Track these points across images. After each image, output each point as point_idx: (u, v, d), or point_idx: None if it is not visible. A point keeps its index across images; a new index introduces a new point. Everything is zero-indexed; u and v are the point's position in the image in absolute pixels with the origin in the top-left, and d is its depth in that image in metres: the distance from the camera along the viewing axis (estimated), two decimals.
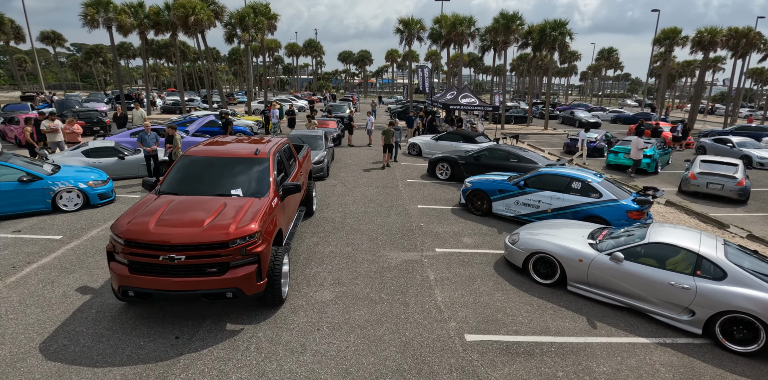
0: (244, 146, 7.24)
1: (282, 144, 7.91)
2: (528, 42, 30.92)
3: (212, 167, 6.56)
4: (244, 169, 6.56)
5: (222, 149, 7.02)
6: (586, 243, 6.92)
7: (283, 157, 7.56)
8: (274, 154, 7.03)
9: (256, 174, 6.51)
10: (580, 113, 36.14)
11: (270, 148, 7.19)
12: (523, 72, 71.90)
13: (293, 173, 7.90)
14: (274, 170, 6.66)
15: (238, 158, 6.70)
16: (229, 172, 6.48)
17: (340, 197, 11.76)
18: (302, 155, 9.60)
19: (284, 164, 7.49)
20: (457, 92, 23.05)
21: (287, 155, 8.08)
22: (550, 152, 21.14)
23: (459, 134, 17.55)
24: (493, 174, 11.34)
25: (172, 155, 12.06)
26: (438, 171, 14.32)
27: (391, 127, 15.91)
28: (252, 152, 6.86)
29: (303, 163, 9.27)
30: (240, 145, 7.37)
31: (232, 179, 6.38)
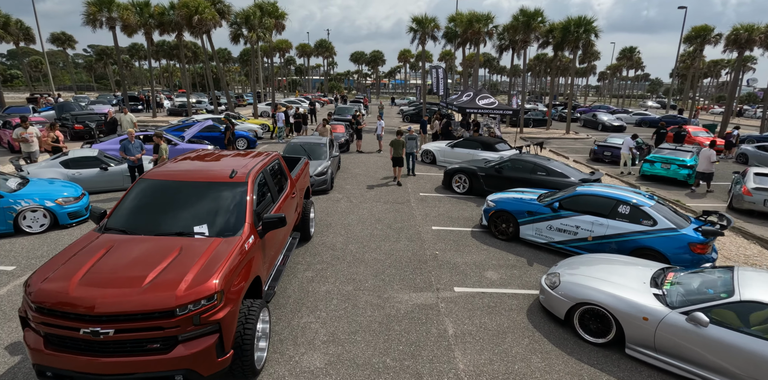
0: (219, 166, 5.88)
1: (268, 161, 6.53)
2: (549, 41, 29.23)
3: (174, 195, 5.20)
4: (215, 197, 5.19)
5: (190, 170, 5.66)
6: (649, 293, 5.40)
7: (268, 178, 6.17)
8: (255, 176, 5.65)
9: (228, 204, 5.14)
10: (603, 115, 34.24)
11: (252, 168, 5.81)
12: (540, 73, 69.77)
13: (281, 197, 6.51)
14: (253, 197, 5.28)
15: (209, 183, 5.33)
16: (196, 201, 5.12)
17: (344, 215, 10.36)
18: (297, 170, 8.22)
19: (269, 187, 6.10)
20: (474, 94, 21.52)
21: (275, 174, 6.70)
22: (575, 159, 19.49)
23: (477, 141, 16.03)
24: (519, 191, 9.83)
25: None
26: (455, 184, 12.84)
27: (400, 137, 13.63)
28: (227, 173, 5.49)
29: (297, 180, 7.89)
30: (215, 164, 6.01)
31: (197, 210, 5.02)
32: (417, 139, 14.31)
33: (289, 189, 7.00)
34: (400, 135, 13.72)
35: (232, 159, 6.30)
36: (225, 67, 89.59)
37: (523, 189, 10.10)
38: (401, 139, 13.55)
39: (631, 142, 16.30)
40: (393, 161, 13.57)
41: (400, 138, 13.56)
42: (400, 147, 13.40)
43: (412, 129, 14.70)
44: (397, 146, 13.39)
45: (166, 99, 42.75)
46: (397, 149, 13.41)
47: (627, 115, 39.83)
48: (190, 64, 73.46)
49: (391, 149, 13.54)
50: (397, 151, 13.41)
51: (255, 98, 31.03)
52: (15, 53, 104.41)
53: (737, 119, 50.10)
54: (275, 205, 6.04)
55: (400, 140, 13.50)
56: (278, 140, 21.70)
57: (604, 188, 8.47)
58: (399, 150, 13.41)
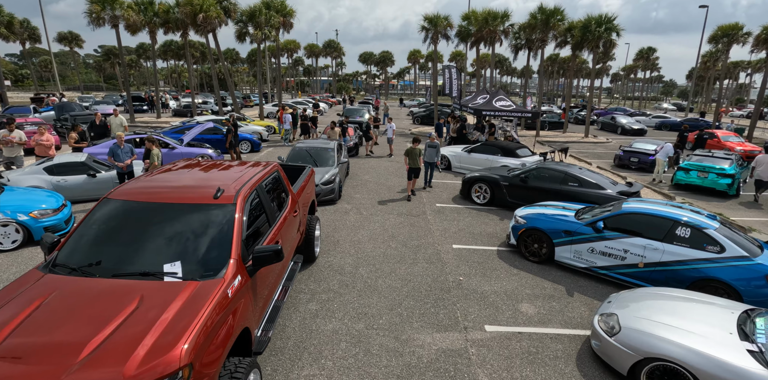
0: (203, 181, 4.82)
1: (265, 175, 5.46)
2: (567, 40, 27.99)
3: (144, 221, 4.15)
4: (194, 223, 4.13)
5: (166, 187, 4.60)
6: (740, 349, 4.26)
7: (263, 196, 5.10)
8: (246, 195, 4.59)
9: (210, 233, 4.08)
10: (622, 118, 32.85)
11: (243, 185, 4.75)
12: (552, 73, 68.32)
13: (280, 217, 5.43)
14: (242, 224, 4.21)
15: (187, 205, 4.27)
16: (169, 229, 4.07)
17: (353, 230, 9.28)
18: (300, 182, 7.15)
19: (264, 208, 5.02)
20: (489, 95, 20.36)
21: (273, 190, 5.62)
22: (599, 165, 18.26)
23: (496, 146, 14.88)
24: (551, 205, 8.68)
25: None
26: (474, 193, 11.71)
27: (416, 145, 11.87)
28: (210, 193, 4.43)
29: (301, 194, 6.82)
30: (199, 178, 4.95)
31: (170, 242, 3.96)
32: (438, 147, 12.59)
33: (289, 207, 5.92)
34: (416, 143, 11.90)
35: (221, 172, 5.24)
36: (233, 68, 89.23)
37: (554, 203, 8.94)
38: (418, 147, 11.87)
39: (671, 150, 15.06)
40: (409, 173, 11.80)
41: (416, 146, 11.84)
42: (416, 157, 11.72)
43: (434, 136, 12.99)
44: (414, 156, 11.70)
45: (171, 99, 42.00)
46: (413, 158, 11.71)
47: (646, 118, 38.38)
48: (198, 64, 72.97)
49: (406, 159, 11.80)
50: (414, 161, 11.70)
51: (261, 98, 30.03)
52: (28, 53, 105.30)
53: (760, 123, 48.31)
54: (272, 230, 4.97)
55: (416, 148, 11.79)
56: (284, 142, 20.70)
57: (656, 205, 7.30)
58: (416, 160, 11.72)
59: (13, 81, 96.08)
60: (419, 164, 11.78)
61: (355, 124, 22.03)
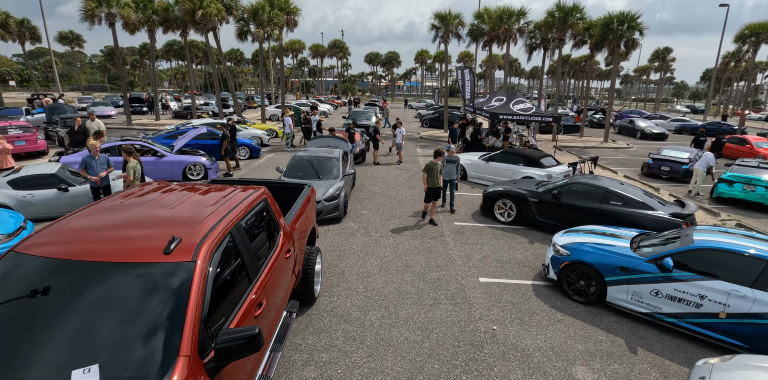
0: (155, 221, 3.46)
1: (247, 208, 4.10)
2: (585, 39, 26.53)
3: (54, 291, 2.81)
4: (127, 296, 2.79)
5: (98, 233, 3.24)
6: None
7: (240, 241, 3.70)
8: (214, 246, 3.23)
9: (151, 313, 2.73)
10: (641, 121, 31.30)
11: (212, 226, 3.40)
12: (563, 75, 66.64)
13: (266, 265, 4.07)
14: (200, 296, 2.86)
15: (120, 266, 2.93)
16: (88, 305, 2.73)
17: (361, 257, 7.92)
18: (297, 208, 5.80)
19: (242, 260, 3.63)
20: (507, 98, 18.96)
21: (257, 227, 4.26)
22: (625, 174, 16.81)
23: (518, 155, 13.48)
24: (598, 232, 7.29)
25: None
26: (497, 210, 10.33)
27: (438, 159, 9.87)
28: (160, 243, 3.09)
29: (296, 225, 5.48)
30: (152, 216, 3.58)
31: (86, 329, 2.62)
32: (458, 161, 10.63)
33: (280, 247, 4.57)
34: (438, 158, 9.87)
35: (186, 205, 3.88)
36: (238, 69, 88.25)
37: (600, 228, 7.55)
38: (440, 162, 9.87)
39: (712, 159, 13.59)
40: (427, 194, 9.81)
41: (438, 161, 9.81)
42: (436, 173, 9.66)
43: (452, 149, 10.81)
44: (435, 173, 9.63)
45: (173, 101, 40.87)
46: (433, 176, 9.63)
47: (664, 121, 36.76)
48: (201, 64, 72.03)
49: (424, 176, 9.68)
50: (434, 179, 9.66)
51: (263, 100, 28.75)
52: (34, 54, 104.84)
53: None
54: (251, 290, 3.60)
55: (438, 164, 9.74)
56: (287, 147, 19.40)
57: (736, 238, 5.89)
58: (437, 178, 9.69)
59: (18, 81, 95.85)
60: (439, 182, 9.87)
61: (361, 128, 20.71)
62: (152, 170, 12.44)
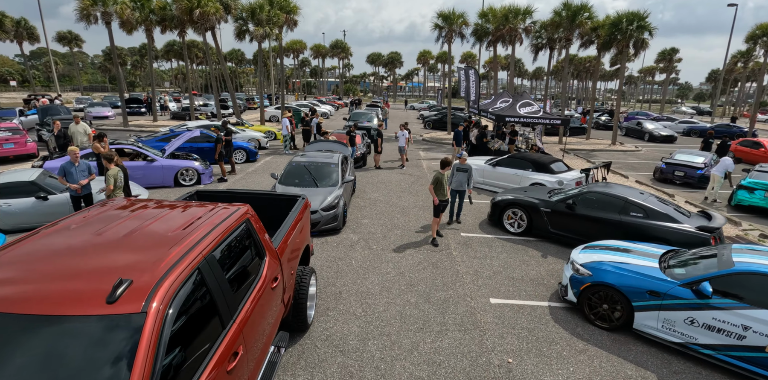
0: (103, 255, 2.81)
1: (224, 233, 3.45)
2: (592, 39, 25.87)
3: None
4: (58, 361, 2.15)
5: (26, 273, 2.60)
6: None
7: (212, 278, 3.04)
8: (174, 291, 2.57)
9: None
10: (649, 123, 30.59)
11: (174, 262, 2.76)
12: (568, 75, 65.89)
13: (244, 304, 3.41)
14: (150, 361, 2.22)
15: (47, 320, 2.28)
16: (4, 376, 2.09)
17: (361, 274, 7.28)
18: (288, 226, 5.15)
19: (212, 300, 2.97)
20: (512, 99, 18.31)
21: (235, 256, 3.62)
22: (637, 179, 16.13)
23: (526, 159, 12.81)
24: (622, 248, 6.64)
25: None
26: (507, 220, 9.67)
27: (446, 169, 8.78)
28: (103, 288, 2.45)
29: (286, 247, 4.84)
30: (101, 247, 2.91)
31: None
32: (470, 170, 9.64)
33: (264, 276, 3.93)
34: (446, 167, 8.71)
35: (149, 232, 3.22)
36: (239, 69, 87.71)
37: (623, 244, 6.90)
38: (447, 173, 8.80)
39: (731, 164, 12.91)
40: (436, 208, 8.65)
41: (446, 171, 8.78)
42: (443, 185, 8.62)
43: (464, 156, 9.76)
44: (439, 184, 8.55)
45: (171, 101, 40.29)
46: (439, 187, 8.56)
47: (672, 123, 36.02)
48: (202, 64, 71.53)
49: (431, 189, 8.62)
50: (443, 192, 8.61)
51: (262, 100, 28.12)
52: (36, 54, 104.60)
53: None
54: (224, 337, 2.95)
55: (445, 174, 8.71)
56: (285, 150, 18.79)
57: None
58: (442, 190, 8.61)
59: (20, 81, 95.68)
60: (448, 194, 8.90)
61: (363, 130, 20.08)
62: (142, 176, 11.83)
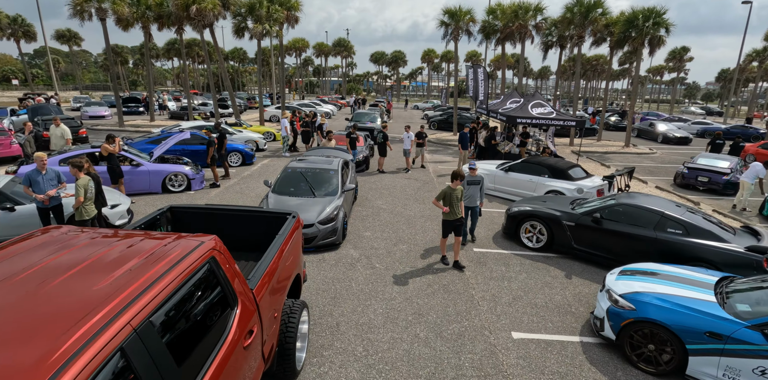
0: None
1: (175, 283, 2.55)
2: (604, 37, 24.86)
3: None
4: None
5: None
6: None
7: (144, 352, 2.15)
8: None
9: None
10: (662, 125, 29.54)
11: (88, 338, 1.87)
12: (575, 75, 64.82)
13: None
14: None
15: None
16: None
17: (361, 301, 6.36)
18: (270, 256, 4.20)
19: None
20: (524, 100, 17.36)
21: (190, 309, 2.70)
22: (657, 185, 15.15)
23: (542, 164, 11.86)
24: (666, 276, 5.69)
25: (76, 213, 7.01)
26: (524, 234, 8.73)
27: (457, 183, 7.32)
28: None
29: (270, 280, 3.91)
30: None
31: None
32: (483, 182, 8.47)
33: (234, 332, 3.01)
34: (457, 181, 7.28)
35: (66, 286, 2.31)
36: (242, 68, 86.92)
37: (671, 270, 5.94)
38: (459, 187, 7.45)
39: (762, 170, 11.92)
40: (445, 227, 7.44)
41: (457, 186, 7.36)
42: (455, 202, 7.30)
43: (476, 167, 8.53)
44: (452, 200, 7.26)
45: (170, 100, 39.45)
46: (453, 205, 7.28)
47: (684, 124, 34.93)
48: (203, 63, 70.74)
49: (439, 204, 7.29)
50: (454, 210, 7.30)
51: (261, 100, 27.21)
52: (39, 53, 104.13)
53: None
54: None
55: (457, 189, 7.37)
56: (284, 153, 17.89)
57: None
58: (457, 208, 7.33)
59: (22, 80, 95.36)
60: (460, 212, 7.42)
61: (365, 131, 19.16)
62: (127, 181, 10.95)
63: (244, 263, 5.31)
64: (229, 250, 5.54)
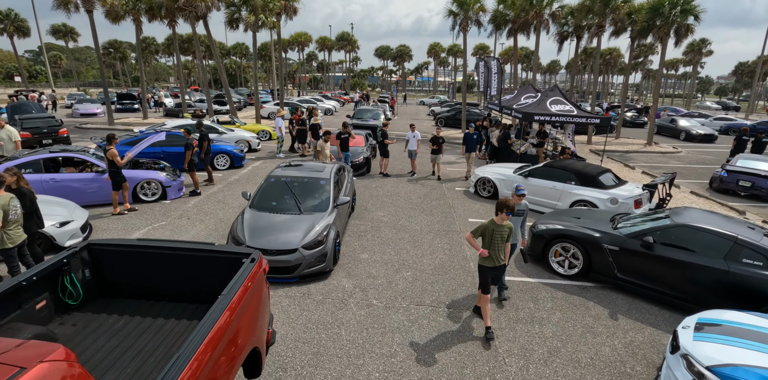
0: None
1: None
2: (624, 26, 23.12)
3: None
4: None
5: None
6: None
7: None
8: None
9: None
10: (684, 120, 27.73)
11: None
12: (585, 68, 62.76)
13: None
14: None
15: None
16: None
17: (351, 361, 4.89)
18: (197, 343, 2.73)
19: None
20: (541, 96, 15.75)
21: None
22: (693, 190, 13.52)
23: (567, 169, 10.30)
24: (765, 338, 4.17)
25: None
26: (554, 257, 7.22)
27: (504, 218, 5.14)
28: None
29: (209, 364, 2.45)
30: None
31: None
32: (526, 212, 6.15)
33: None
34: (504, 214, 5.12)
35: None
36: (244, 63, 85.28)
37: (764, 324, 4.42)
38: (507, 223, 5.26)
39: None
40: (483, 278, 5.37)
41: (504, 221, 5.21)
42: (500, 244, 5.27)
43: (525, 193, 6.05)
44: (496, 243, 5.24)
45: (167, 97, 38.08)
46: (495, 247, 5.25)
47: (705, 119, 33.04)
48: (205, 59, 69.35)
49: (476, 245, 5.32)
50: (496, 253, 5.27)
51: (256, 96, 25.75)
52: (42, 50, 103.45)
53: None
54: None
55: (504, 226, 5.23)
56: (278, 154, 16.43)
57: None
58: (500, 251, 5.30)
59: (27, 77, 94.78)
60: (505, 256, 5.41)
61: (367, 129, 17.64)
62: (91, 191, 9.55)
63: (186, 322, 3.85)
64: (169, 301, 4.09)
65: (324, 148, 11.41)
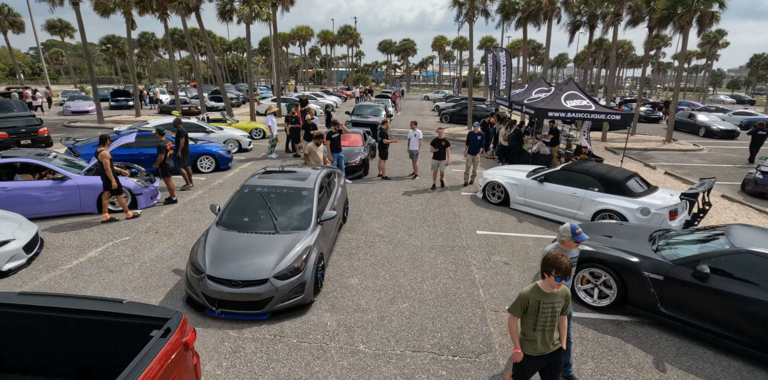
0: None
1: None
2: (642, 16, 21.68)
3: None
4: None
5: None
6: None
7: None
8: None
9: None
10: (703, 116, 26.24)
11: None
12: (596, 61, 60.93)
13: None
14: None
15: None
16: None
17: None
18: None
19: None
20: (554, 90, 14.45)
21: None
22: (724, 194, 12.21)
23: (589, 174, 9.03)
24: None
25: None
26: (581, 285, 6.01)
27: (556, 284, 3.35)
28: None
29: None
30: None
31: None
32: (577, 256, 4.34)
33: None
34: (552, 278, 3.35)
35: None
36: (245, 59, 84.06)
37: None
38: (558, 291, 3.48)
39: None
40: (521, 370, 3.66)
41: (556, 287, 3.41)
42: (554, 320, 3.51)
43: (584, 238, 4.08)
44: (546, 318, 3.47)
45: (164, 94, 36.99)
46: (545, 325, 3.48)
47: (724, 114, 31.45)
48: (205, 54, 68.18)
49: (515, 340, 3.58)
50: (545, 337, 3.53)
51: (251, 92, 24.54)
52: (47, 46, 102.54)
53: None
54: None
55: (557, 293, 3.48)
56: (269, 154, 15.26)
57: None
58: (549, 334, 3.54)
59: (30, 74, 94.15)
60: (561, 338, 3.67)
61: (366, 127, 16.43)
62: (52, 200, 8.44)
63: None
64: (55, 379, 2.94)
65: (315, 151, 10.20)
